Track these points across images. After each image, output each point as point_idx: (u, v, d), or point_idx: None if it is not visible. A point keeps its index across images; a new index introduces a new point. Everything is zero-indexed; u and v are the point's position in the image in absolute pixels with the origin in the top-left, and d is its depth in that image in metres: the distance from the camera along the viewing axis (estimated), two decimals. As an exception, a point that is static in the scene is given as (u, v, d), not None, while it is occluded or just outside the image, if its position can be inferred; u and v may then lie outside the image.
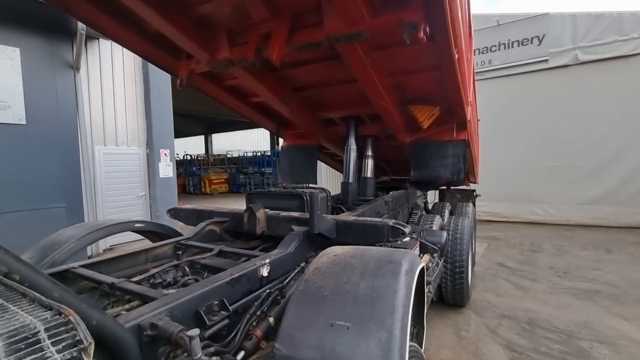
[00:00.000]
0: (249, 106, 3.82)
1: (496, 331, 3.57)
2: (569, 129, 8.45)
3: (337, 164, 6.08)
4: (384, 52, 2.51)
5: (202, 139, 31.50)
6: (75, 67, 6.05)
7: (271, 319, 1.55)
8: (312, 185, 3.92)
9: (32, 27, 5.48)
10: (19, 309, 0.57)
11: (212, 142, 31.58)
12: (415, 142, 3.71)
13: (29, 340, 0.49)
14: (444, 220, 4.41)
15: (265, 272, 1.74)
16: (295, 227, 2.20)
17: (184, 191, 22.49)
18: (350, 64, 2.46)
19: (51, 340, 0.51)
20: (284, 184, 2.95)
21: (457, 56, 2.38)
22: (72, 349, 0.53)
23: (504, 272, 5.37)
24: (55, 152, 5.83)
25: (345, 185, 3.82)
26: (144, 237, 2.98)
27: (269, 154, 21.77)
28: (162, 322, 1.14)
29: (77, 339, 0.55)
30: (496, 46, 9.25)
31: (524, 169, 9.04)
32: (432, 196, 6.81)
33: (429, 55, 2.52)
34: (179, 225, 5.22)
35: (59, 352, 0.50)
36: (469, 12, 3.35)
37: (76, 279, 1.70)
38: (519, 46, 8.96)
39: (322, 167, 9.47)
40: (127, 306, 1.39)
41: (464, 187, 6.31)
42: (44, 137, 5.67)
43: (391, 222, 2.01)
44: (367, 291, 1.16)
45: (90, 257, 5.44)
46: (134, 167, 7.34)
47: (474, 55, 9.44)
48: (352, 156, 3.83)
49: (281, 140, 4.99)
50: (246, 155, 23.42)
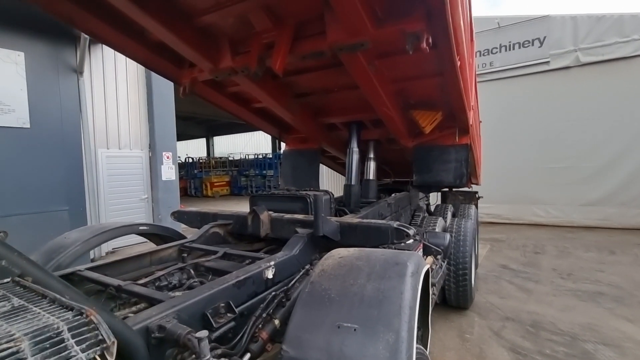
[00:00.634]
0: (251, 112, 3.84)
1: (500, 333, 3.56)
2: (571, 130, 8.45)
3: (339, 166, 6.09)
4: (387, 59, 2.51)
5: (203, 141, 31.59)
6: (78, 71, 6.10)
7: (276, 321, 1.56)
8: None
9: (37, 32, 5.53)
10: (40, 309, 0.58)
11: (213, 145, 31.66)
12: (417, 147, 3.71)
13: (54, 339, 0.50)
14: (446, 222, 4.41)
15: (270, 274, 1.75)
16: (299, 230, 2.21)
17: (185, 194, 22.51)
18: (352, 72, 2.47)
19: (75, 339, 0.52)
20: (287, 189, 2.96)
21: (459, 63, 2.38)
22: (95, 348, 0.54)
23: (507, 274, 5.36)
24: (58, 156, 5.85)
25: (347, 187, 3.83)
26: (146, 240, 2.99)
27: (271, 156, 21.80)
28: (169, 325, 1.15)
29: (100, 338, 0.56)
30: (497, 48, 9.27)
31: (526, 171, 9.03)
32: (434, 198, 6.82)
33: (431, 62, 2.53)
34: (181, 227, 5.23)
35: (83, 351, 0.51)
36: (471, 17, 3.36)
37: (82, 281, 1.70)
38: (519, 48, 8.98)
39: (323, 170, 9.49)
40: (134, 308, 1.40)
41: (466, 189, 6.31)
42: (47, 141, 5.70)
43: (395, 224, 2.01)
44: (374, 293, 1.16)
45: (93, 260, 5.45)
46: (136, 170, 7.37)
47: (475, 57, 9.49)
48: (355, 159, 3.83)
49: (283, 143, 5.00)
50: (248, 157, 23.47)
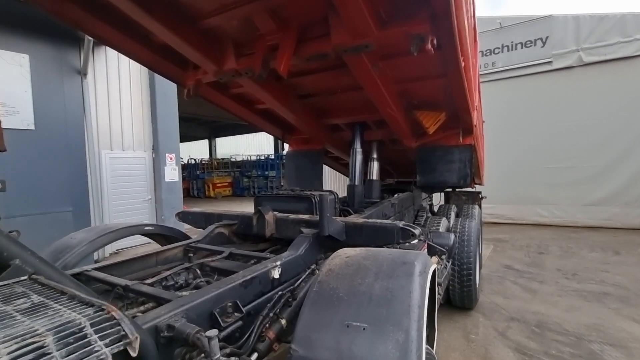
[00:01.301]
0: (254, 113, 3.84)
1: (505, 334, 3.54)
2: (574, 130, 8.42)
3: (342, 167, 6.09)
4: (391, 61, 2.51)
5: (206, 142, 31.66)
6: (82, 72, 6.13)
7: (283, 321, 1.56)
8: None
9: (41, 34, 5.56)
10: (60, 305, 0.58)
11: (216, 146, 31.73)
12: (421, 147, 3.71)
13: (77, 335, 0.51)
14: (450, 222, 4.40)
15: (276, 274, 1.75)
16: (304, 230, 2.21)
17: (188, 195, 22.57)
18: (356, 73, 2.47)
19: (98, 335, 0.52)
20: (292, 189, 2.97)
21: (463, 64, 2.38)
22: (118, 343, 0.54)
23: (511, 275, 5.34)
24: (62, 157, 5.89)
25: (351, 187, 3.83)
26: (149, 242, 3.00)
27: (273, 157, 21.83)
28: (178, 324, 1.15)
29: (122, 333, 0.56)
30: (499, 48, 9.26)
31: (529, 171, 9.01)
32: (438, 198, 6.80)
33: (435, 63, 2.52)
34: (184, 228, 5.24)
35: (106, 346, 0.52)
36: (474, 18, 3.36)
37: (90, 281, 1.71)
38: (522, 48, 8.96)
39: (326, 170, 9.49)
40: (142, 308, 1.40)
41: (469, 189, 6.29)
42: (52, 142, 5.73)
43: (401, 223, 2.01)
44: (382, 292, 1.16)
45: (97, 261, 5.47)
46: (140, 171, 7.39)
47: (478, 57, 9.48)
48: (358, 159, 3.83)
49: (286, 145, 5.01)
50: (250, 158, 23.51)
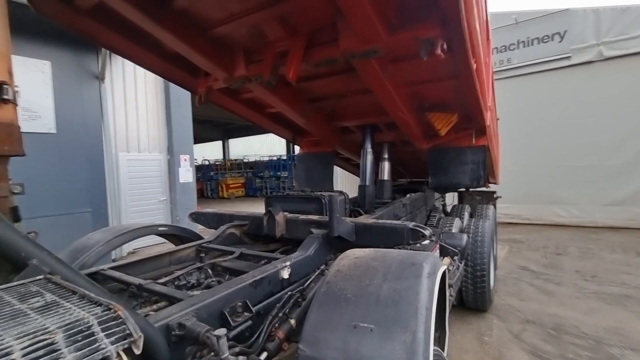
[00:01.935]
0: (265, 117, 3.88)
1: (520, 336, 3.46)
2: (594, 127, 8.14)
3: (353, 167, 6.08)
4: (401, 64, 2.49)
5: (219, 144, 32.09)
6: (100, 78, 6.33)
7: (292, 321, 1.57)
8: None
9: (61, 41, 5.77)
10: (71, 304, 0.61)
11: (229, 147, 32.13)
12: (433, 149, 3.66)
13: (84, 332, 0.54)
14: (463, 223, 4.33)
15: (286, 274, 1.77)
16: (314, 230, 2.22)
17: (202, 195, 22.94)
18: (366, 78, 2.46)
19: (104, 333, 0.55)
20: (302, 190, 2.98)
21: (475, 66, 2.34)
22: (123, 341, 0.57)
23: (528, 276, 5.21)
24: (82, 159, 6.09)
25: (362, 188, 3.82)
26: (164, 241, 3.07)
27: (285, 158, 21.95)
28: (189, 323, 1.18)
29: (127, 332, 0.59)
30: (515, 44, 9.04)
31: (547, 170, 8.76)
32: (451, 198, 6.70)
33: (446, 65, 2.49)
34: (198, 228, 5.34)
35: (112, 343, 0.54)
36: (487, 17, 3.29)
37: (105, 280, 1.77)
38: (539, 43, 8.72)
39: (337, 171, 9.48)
40: (154, 307, 1.44)
41: (484, 188, 6.17)
42: (71, 145, 5.94)
43: (411, 224, 2.00)
44: (390, 293, 1.16)
45: (114, 260, 5.63)
46: (155, 173, 7.57)
47: (492, 54, 9.28)
48: (369, 160, 3.82)
49: (297, 146, 5.03)
50: (262, 159, 23.70)
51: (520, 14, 8.96)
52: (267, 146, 27.57)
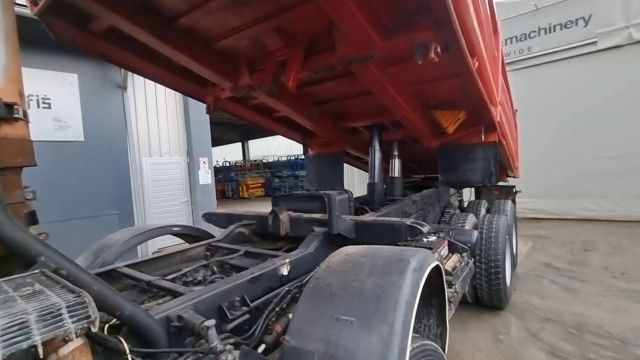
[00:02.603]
0: (274, 121, 3.97)
1: (538, 335, 3.36)
2: (625, 114, 7.66)
3: (365, 165, 6.07)
4: (401, 65, 2.48)
5: (239, 145, 32.81)
6: (123, 87, 6.68)
7: (290, 315, 1.64)
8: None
9: (86, 55, 6.12)
10: (52, 292, 0.73)
11: (248, 149, 32.77)
12: (442, 146, 3.61)
13: (53, 314, 0.65)
14: (478, 218, 4.24)
15: (285, 271, 1.84)
16: (316, 228, 2.28)
17: (223, 196, 23.55)
18: (365, 81, 2.48)
19: (69, 314, 0.66)
20: (307, 189, 3.06)
21: (476, 65, 2.29)
22: (83, 321, 0.68)
23: (550, 273, 5.01)
24: (108, 165, 6.46)
25: (371, 185, 3.83)
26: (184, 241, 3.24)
27: (302, 157, 22.13)
28: (187, 315, 1.27)
29: (89, 314, 0.69)
30: (535, 32, 8.67)
31: (575, 161, 8.34)
32: (468, 194, 6.55)
33: (447, 64, 2.43)
34: (218, 229, 5.53)
35: (73, 322, 0.65)
36: (492, 10, 3.21)
37: (120, 277, 1.91)
38: (561, 30, 8.32)
39: (353, 170, 9.48)
40: (160, 301, 1.56)
41: (502, 183, 5.99)
42: (99, 152, 6.32)
43: (409, 221, 2.01)
44: (373, 288, 1.20)
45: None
46: (176, 176, 7.89)
47: (511, 43, 8.94)
48: (377, 157, 3.83)
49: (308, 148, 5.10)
50: (280, 159, 24.01)
51: (540, 0, 8.57)
52: (286, 146, 27.89)
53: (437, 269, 1.64)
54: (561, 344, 3.19)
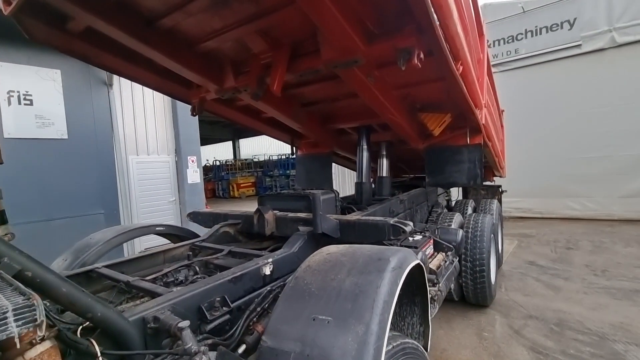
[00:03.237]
0: (262, 122, 3.91)
1: (521, 332, 3.43)
2: (608, 116, 7.87)
3: (354, 165, 6.09)
4: (387, 69, 2.47)
5: (230, 144, 32.55)
6: (108, 84, 6.54)
7: (270, 316, 1.62)
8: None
9: (70, 50, 5.99)
10: (2, 295, 0.70)
11: (239, 147, 32.54)
12: (429, 148, 3.64)
13: None
14: (465, 218, 4.30)
15: (268, 270, 1.82)
16: (301, 228, 2.27)
17: (214, 195, 23.35)
18: (351, 84, 2.46)
19: (14, 317, 0.64)
20: (294, 188, 3.04)
21: (461, 69, 2.30)
22: (29, 325, 0.66)
23: (534, 271, 5.12)
24: (93, 163, 6.32)
25: (358, 185, 3.84)
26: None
27: (293, 156, 22.05)
28: (163, 316, 1.25)
29: (36, 317, 0.67)
30: (522, 34, 8.82)
31: (559, 162, 8.53)
32: (456, 193, 6.63)
33: (432, 68, 2.44)
34: (204, 228, 5.47)
35: (18, 326, 0.64)
36: (477, 13, 3.23)
37: (100, 278, 1.87)
38: (547, 32, 8.48)
39: (344, 170, 9.49)
40: (138, 302, 1.53)
41: (488, 182, 6.08)
42: (83, 150, 6.17)
43: (392, 220, 2.02)
44: (351, 287, 1.20)
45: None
46: (164, 174, 7.77)
47: (499, 45, 9.07)
48: (365, 156, 3.84)
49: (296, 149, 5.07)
50: (272, 159, 23.91)
51: (527, 3, 8.72)
52: (277, 145, 27.74)
53: (419, 268, 1.65)
54: (543, 340, 3.26)
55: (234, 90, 2.64)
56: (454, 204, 5.56)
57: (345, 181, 10.88)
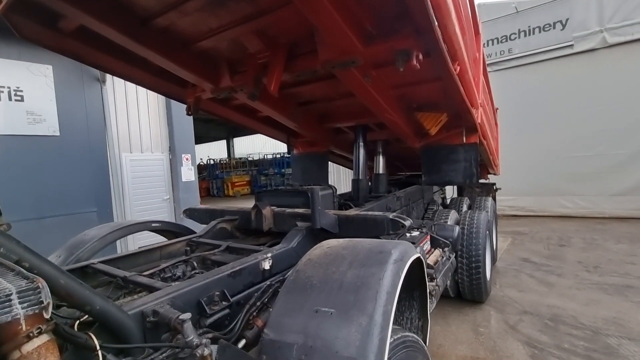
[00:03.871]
0: (258, 121, 3.88)
1: (516, 327, 3.46)
2: (599, 115, 7.99)
3: (350, 163, 6.09)
4: (384, 69, 2.44)
5: (224, 143, 32.35)
6: (101, 80, 6.44)
7: (272, 310, 1.62)
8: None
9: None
10: (4, 279, 0.69)
11: (234, 146, 32.36)
12: (425, 147, 3.64)
13: (2, 299, 0.62)
14: (460, 215, 4.33)
15: (267, 265, 1.81)
16: (299, 223, 2.26)
17: (208, 194, 23.19)
18: (348, 84, 2.44)
19: (19, 299, 0.63)
20: (291, 184, 3.03)
21: (458, 69, 2.30)
22: (34, 307, 0.65)
23: (528, 268, 5.18)
24: (86, 161, 6.23)
25: (355, 182, 3.84)
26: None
27: (288, 155, 22.03)
28: (162, 310, 1.23)
29: (41, 299, 0.66)
30: (516, 34, 8.90)
31: (552, 160, 8.64)
32: (451, 191, 6.68)
33: (429, 68, 2.40)
34: (200, 225, 5.42)
35: (23, 308, 0.62)
36: (474, 12, 3.24)
37: (95, 273, 1.84)
38: (540, 32, 8.58)
39: (339, 168, 9.50)
40: (135, 297, 1.50)
41: (483, 180, 6.14)
42: (75, 147, 6.07)
43: (391, 215, 2.02)
44: (353, 279, 1.20)
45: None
46: (158, 172, 7.69)
47: (492, 45, 9.15)
48: (361, 153, 3.84)
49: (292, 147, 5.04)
50: (266, 157, 23.83)
51: (520, 3, 8.81)
52: (272, 144, 27.67)
53: (419, 262, 1.65)
54: (537, 335, 3.30)
55: (230, 89, 2.61)
56: (449, 201, 5.60)
57: (340, 179, 10.89)
